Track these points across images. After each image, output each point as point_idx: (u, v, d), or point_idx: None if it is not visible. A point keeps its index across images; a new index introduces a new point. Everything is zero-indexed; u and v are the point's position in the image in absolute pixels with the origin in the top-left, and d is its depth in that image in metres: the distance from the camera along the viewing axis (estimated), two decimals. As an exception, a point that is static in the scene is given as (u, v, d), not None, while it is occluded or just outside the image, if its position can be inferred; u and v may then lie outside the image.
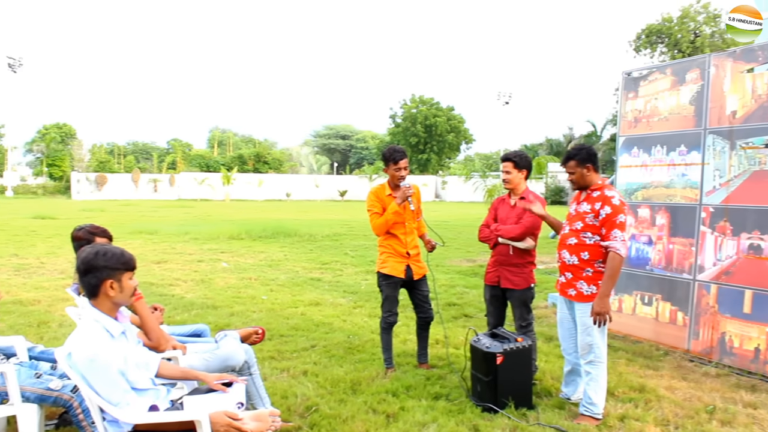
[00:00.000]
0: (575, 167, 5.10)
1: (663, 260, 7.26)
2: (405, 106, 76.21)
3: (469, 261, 15.14)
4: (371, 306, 9.38)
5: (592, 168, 5.07)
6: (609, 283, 4.81)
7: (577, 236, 5.04)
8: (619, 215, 4.84)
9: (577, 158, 5.09)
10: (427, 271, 6.37)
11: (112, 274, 3.51)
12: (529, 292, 5.85)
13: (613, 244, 4.82)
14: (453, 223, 28.57)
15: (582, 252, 5.00)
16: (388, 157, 6.05)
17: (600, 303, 4.81)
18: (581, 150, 5.10)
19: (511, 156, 5.90)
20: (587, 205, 5.04)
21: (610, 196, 4.92)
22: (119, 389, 3.38)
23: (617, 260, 4.81)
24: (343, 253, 16.34)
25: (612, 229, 4.84)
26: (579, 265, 5.02)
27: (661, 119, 7.41)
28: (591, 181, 5.09)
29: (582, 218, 5.04)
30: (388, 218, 6.03)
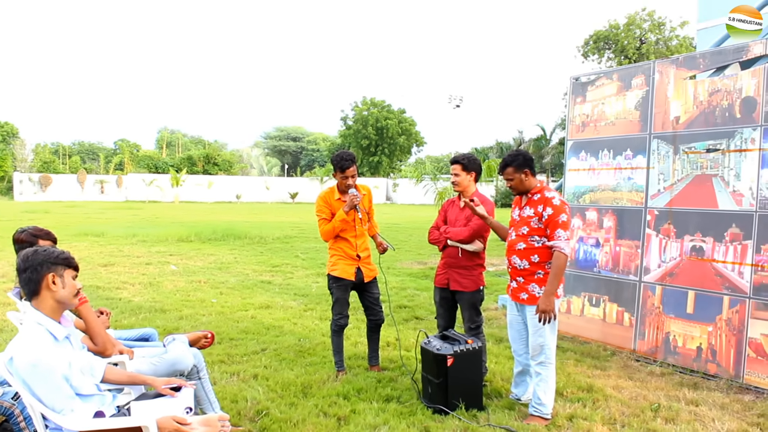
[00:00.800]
0: (513, 173, 5.16)
1: (610, 262, 7.39)
2: (356, 108, 76.18)
3: (420, 263, 15.20)
4: (322, 309, 9.34)
5: (530, 173, 5.13)
6: (554, 281, 4.87)
7: (525, 241, 5.09)
8: (560, 215, 4.92)
9: (514, 164, 5.15)
10: (377, 273, 6.37)
11: (53, 268, 3.44)
12: (478, 294, 5.89)
13: (557, 243, 4.89)
14: (404, 226, 28.65)
15: (532, 255, 5.06)
16: (336, 165, 6.02)
17: (545, 301, 4.87)
18: (517, 156, 5.16)
19: (459, 159, 5.94)
20: (530, 209, 5.10)
21: (551, 197, 5.00)
22: (63, 395, 3.30)
23: (562, 259, 4.88)
24: (293, 255, 16.28)
25: (555, 228, 4.91)
26: (530, 269, 5.08)
27: (607, 124, 7.55)
28: (530, 185, 5.16)
29: (527, 223, 5.10)
30: (335, 225, 6.01)
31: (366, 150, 75.41)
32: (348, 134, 76.12)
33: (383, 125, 74.18)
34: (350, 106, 78.16)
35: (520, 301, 5.20)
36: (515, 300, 5.26)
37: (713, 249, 6.35)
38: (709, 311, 6.37)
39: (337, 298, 6.18)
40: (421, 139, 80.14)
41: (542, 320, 4.90)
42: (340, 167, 5.99)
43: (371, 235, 6.39)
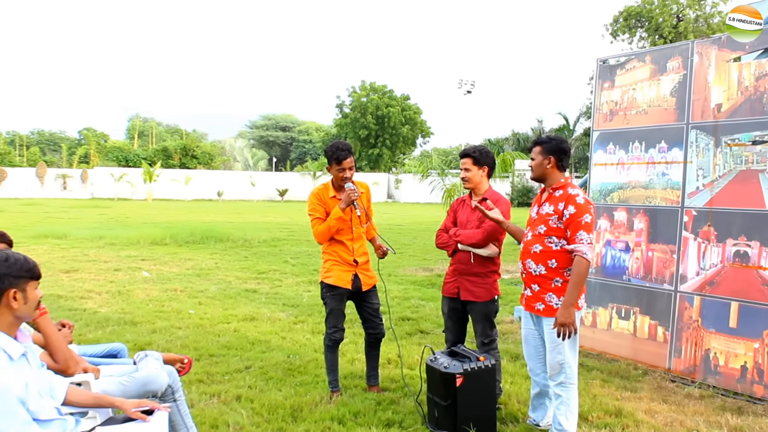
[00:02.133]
0: (538, 154, 5.19)
1: (641, 269, 7.39)
2: (354, 94, 76.23)
3: (426, 270, 15.19)
4: (314, 321, 9.35)
5: (555, 162, 5.13)
6: (574, 291, 4.86)
7: (542, 242, 5.08)
8: (584, 215, 4.91)
9: (543, 145, 5.18)
10: (377, 281, 6.37)
11: (16, 282, 3.42)
12: (492, 305, 5.89)
13: (579, 247, 4.87)
14: (408, 227, 28.64)
15: (549, 260, 5.05)
16: (331, 156, 6.02)
17: (564, 313, 4.85)
18: (551, 140, 5.19)
19: (470, 151, 5.94)
20: (550, 207, 5.10)
21: (574, 195, 4.99)
22: (18, 421, 3.28)
23: (583, 265, 4.87)
24: (282, 260, 16.28)
25: (577, 230, 4.90)
26: (546, 275, 5.07)
27: (639, 112, 7.54)
28: (548, 175, 5.17)
29: (545, 221, 5.09)
30: (331, 225, 6.01)
31: (365, 141, 75.45)
32: (344, 123, 76.14)
33: (384, 113, 74.22)
34: (347, 91, 78.43)
35: (535, 312, 5.19)
36: (530, 311, 5.26)
37: (760, 254, 6.34)
38: (755, 325, 6.36)
39: (332, 309, 6.18)
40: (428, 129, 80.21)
41: (561, 335, 4.89)
42: (336, 158, 6.00)
43: (369, 239, 6.40)
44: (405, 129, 75.62)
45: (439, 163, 18.14)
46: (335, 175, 6.09)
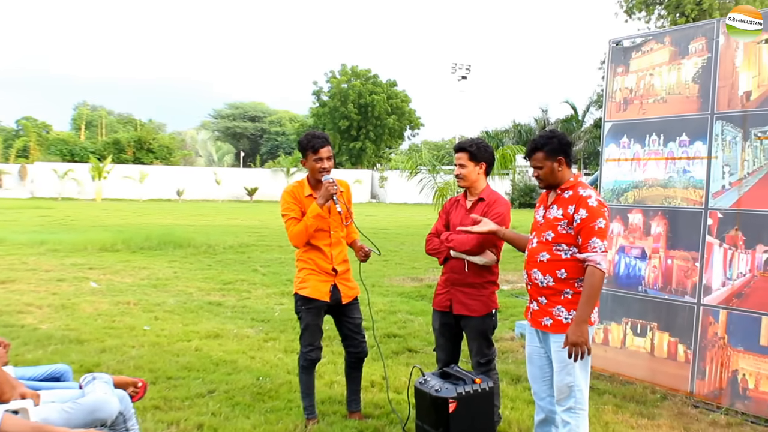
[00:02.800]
0: (544, 160, 5.13)
1: (660, 279, 7.41)
2: (333, 80, 76.22)
3: (415, 280, 15.22)
4: (287, 338, 9.34)
5: (565, 162, 5.12)
6: (587, 305, 4.86)
7: (549, 250, 5.08)
8: (597, 220, 4.91)
9: (546, 149, 5.12)
10: (359, 292, 6.38)
11: None
12: (489, 319, 5.89)
13: (592, 256, 4.87)
14: (394, 231, 28.66)
15: (557, 270, 5.04)
16: (306, 145, 6.03)
17: (576, 330, 4.84)
18: (551, 138, 5.14)
19: (466, 145, 5.93)
20: (558, 210, 5.09)
21: (585, 197, 4.98)
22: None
23: (597, 276, 4.87)
24: (251, 269, 16.27)
25: (589, 237, 4.90)
26: (555, 287, 5.06)
27: (657, 101, 7.57)
28: (562, 177, 5.14)
29: (553, 226, 5.08)
30: (308, 224, 6.00)
31: (345, 133, 75.47)
32: (322, 113, 76.15)
33: (368, 102, 74.26)
34: (325, 76, 78.38)
35: (542, 329, 5.18)
36: (536, 327, 5.25)
37: (793, 262, 6.38)
38: (787, 343, 6.39)
39: (307, 324, 6.17)
40: (417, 119, 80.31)
41: (572, 355, 4.89)
42: (312, 146, 6.00)
43: (349, 243, 6.40)
44: (391, 119, 75.67)
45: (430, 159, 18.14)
46: (311, 168, 6.08)
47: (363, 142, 75.61)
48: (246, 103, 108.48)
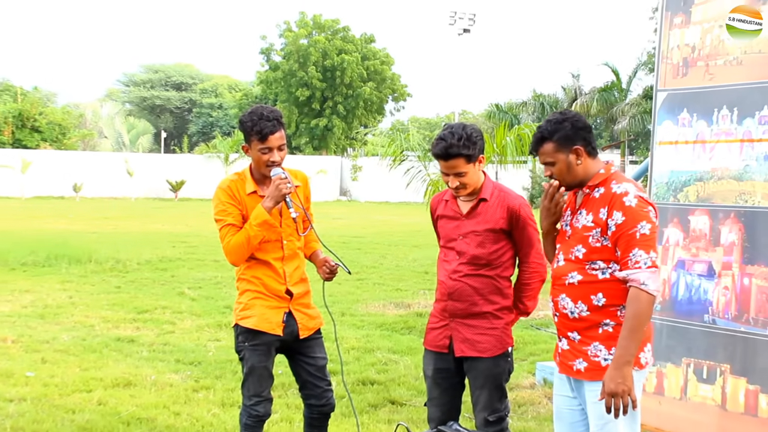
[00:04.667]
0: (554, 153, 5.06)
1: (733, 305, 7.38)
2: (288, 35, 76.08)
3: (400, 306, 15.26)
4: (225, 387, 9.33)
5: (584, 151, 5.04)
6: (630, 341, 4.81)
7: (581, 269, 5.03)
8: (639, 224, 4.85)
9: (556, 137, 5.03)
10: (323, 323, 6.37)
11: None
12: (503, 362, 5.87)
13: (635, 274, 4.82)
14: (371, 240, 28.71)
15: (593, 294, 5.01)
16: (250, 129, 5.94)
17: (615, 376, 4.80)
18: (562, 122, 5.02)
19: (458, 148, 5.72)
20: (588, 215, 5.02)
21: (621, 194, 4.91)
22: None
23: (643, 301, 4.81)
24: (176, 292, 16.28)
25: (630, 248, 4.84)
26: (590, 318, 5.04)
27: (729, 62, 7.55)
28: (586, 172, 5.07)
29: (583, 239, 5.02)
30: (252, 234, 5.94)
31: (305, 107, 75.51)
32: (273, 79, 76.10)
33: (336, 64, 74.30)
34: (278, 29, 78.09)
35: (574, 375, 5.16)
36: (566, 373, 5.22)
37: None
38: None
39: (252, 367, 6.14)
40: (402, 88, 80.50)
41: (611, 409, 4.87)
42: (258, 131, 5.92)
43: (309, 256, 6.36)
44: (367, 88, 75.74)
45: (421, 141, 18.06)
46: (256, 159, 6.04)
47: (329, 119, 75.67)
48: (169, 66, 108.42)
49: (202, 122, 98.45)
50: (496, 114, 57.76)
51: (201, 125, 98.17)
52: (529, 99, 60.63)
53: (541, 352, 10.97)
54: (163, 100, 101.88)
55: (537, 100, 59.65)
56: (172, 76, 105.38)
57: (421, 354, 6.31)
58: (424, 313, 14.01)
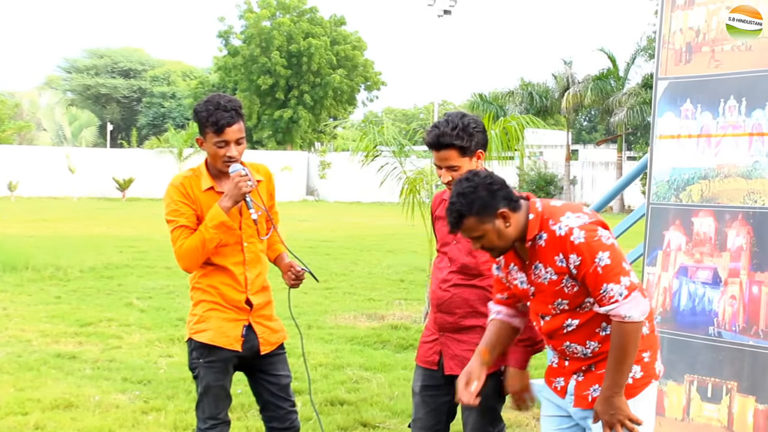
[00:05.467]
0: (479, 226, 4.94)
1: (741, 316, 7.41)
2: (249, 16, 75.94)
3: (373, 317, 15.29)
4: (178, 408, 9.32)
5: (509, 210, 4.93)
6: (618, 372, 4.84)
7: (574, 314, 5.02)
8: (596, 257, 4.81)
9: (475, 212, 4.90)
10: (287, 337, 6.37)
11: None
12: (497, 381, 5.87)
13: (615, 309, 4.82)
14: (341, 244, 28.70)
15: (597, 327, 5.05)
16: (205, 120, 5.91)
17: (607, 408, 4.87)
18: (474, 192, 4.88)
19: (451, 138, 5.70)
20: (546, 269, 4.99)
21: (565, 235, 4.87)
22: None
23: (629, 331, 4.82)
24: (123, 303, 16.26)
25: (599, 285, 4.83)
26: (604, 348, 5.04)
27: (737, 47, 7.58)
28: (518, 229, 5.00)
29: (558, 293, 5.01)
30: (207, 237, 5.91)
31: (268, 96, 75.42)
32: (233, 65, 76.00)
33: (302, 48, 74.23)
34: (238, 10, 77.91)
35: (587, 406, 5.15)
36: (581, 405, 5.19)
37: None
38: None
39: (208, 386, 6.12)
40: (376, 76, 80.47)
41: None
42: (214, 123, 5.90)
43: (273, 260, 6.37)
44: (337, 76, 75.72)
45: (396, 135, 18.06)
46: (212, 153, 6.02)
47: (295, 110, 75.61)
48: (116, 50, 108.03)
49: (153, 113, 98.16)
50: (479, 105, 57.84)
51: (151, 116, 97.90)
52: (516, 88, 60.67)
53: (532, 368, 10.99)
54: (109, 89, 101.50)
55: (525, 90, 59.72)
56: (120, 61, 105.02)
57: (395, 371, 6.36)
58: (399, 325, 14.06)
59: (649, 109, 40.34)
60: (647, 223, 8.01)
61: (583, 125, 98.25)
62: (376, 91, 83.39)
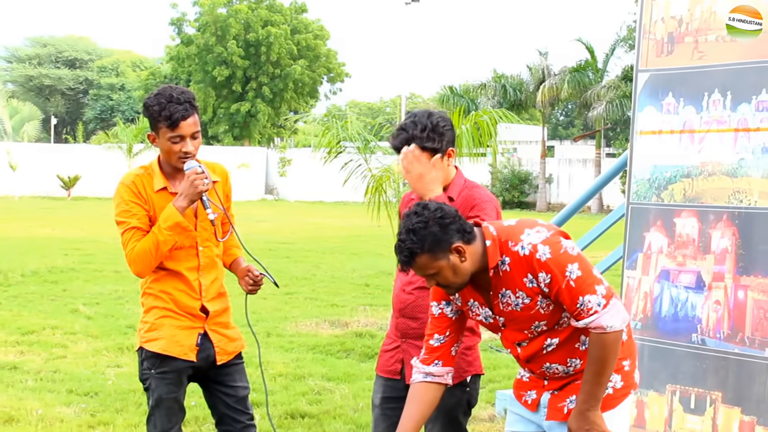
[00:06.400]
0: (432, 263, 4.86)
1: (725, 322, 7.44)
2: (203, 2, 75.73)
3: (336, 324, 15.30)
4: (128, 422, 9.29)
5: (463, 244, 4.86)
6: (596, 385, 4.84)
7: (553, 333, 5.02)
8: (566, 270, 4.80)
9: (427, 249, 4.82)
10: (245, 346, 6.35)
11: None
12: (459, 393, 5.84)
13: (596, 321, 4.79)
14: (303, 247, 28.69)
15: (576, 342, 5.06)
16: (157, 114, 5.86)
17: (583, 418, 4.86)
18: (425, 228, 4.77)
19: (422, 141, 5.66)
20: (515, 295, 4.96)
21: (531, 254, 4.83)
22: None
23: (610, 342, 4.82)
24: (68, 309, 16.19)
25: (574, 299, 4.81)
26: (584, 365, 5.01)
27: (722, 38, 7.61)
28: (474, 263, 4.95)
29: (535, 315, 4.99)
30: (161, 240, 5.87)
31: (224, 89, 75.33)
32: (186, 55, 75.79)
33: (260, 38, 74.12)
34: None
35: (562, 418, 5.13)
36: (554, 418, 5.18)
37: None
38: None
39: (160, 398, 6.09)
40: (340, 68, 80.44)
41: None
42: (167, 117, 5.85)
43: (228, 265, 6.36)
44: (298, 67, 75.65)
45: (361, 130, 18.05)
46: (165, 150, 5.98)
47: (253, 103, 75.51)
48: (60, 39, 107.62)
49: (101, 106, 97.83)
50: (449, 98, 57.94)
51: (99, 110, 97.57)
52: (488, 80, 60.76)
53: (501, 378, 11.01)
54: (53, 80, 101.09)
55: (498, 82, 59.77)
56: (64, 51, 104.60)
57: (360, 381, 6.35)
58: (364, 332, 14.07)
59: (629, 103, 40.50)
60: (627, 224, 8.02)
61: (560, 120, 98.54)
62: (340, 84, 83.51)
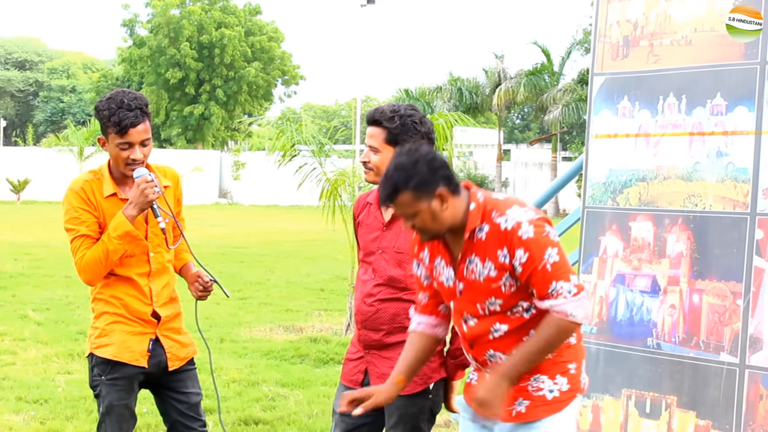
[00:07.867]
0: (414, 203, 4.86)
1: (681, 326, 7.48)
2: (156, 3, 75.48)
3: (290, 330, 15.29)
4: (78, 429, 9.28)
5: (448, 191, 4.88)
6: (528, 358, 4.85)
7: (504, 318, 4.97)
8: (545, 253, 4.79)
9: (412, 186, 4.82)
10: (197, 352, 6.35)
11: None
12: (421, 400, 5.84)
13: (561, 306, 4.79)
14: (256, 251, 28.62)
15: (525, 336, 4.98)
16: (107, 119, 5.84)
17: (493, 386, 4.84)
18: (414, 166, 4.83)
19: (383, 118, 5.69)
20: (484, 264, 4.94)
21: (514, 228, 4.83)
22: None
23: (565, 330, 4.83)
24: (18, 314, 16.15)
25: (547, 283, 4.80)
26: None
27: (677, 41, 7.66)
28: (454, 216, 4.94)
29: (493, 291, 4.95)
30: (110, 249, 5.85)
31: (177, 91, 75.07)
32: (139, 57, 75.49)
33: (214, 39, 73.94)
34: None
35: (513, 419, 5.10)
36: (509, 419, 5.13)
37: None
38: None
39: (111, 406, 6.07)
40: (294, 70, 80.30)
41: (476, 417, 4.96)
42: (117, 122, 5.83)
43: (178, 270, 6.36)
44: (252, 69, 75.52)
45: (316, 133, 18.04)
46: (114, 155, 5.97)
47: (206, 106, 75.31)
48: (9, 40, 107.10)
49: (51, 108, 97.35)
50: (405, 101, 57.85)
51: (49, 112, 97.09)
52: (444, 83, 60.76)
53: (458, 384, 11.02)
54: (2, 82, 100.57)
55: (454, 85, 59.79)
56: (14, 52, 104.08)
57: (314, 387, 6.35)
58: (319, 338, 14.06)
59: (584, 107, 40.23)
60: (582, 227, 8.05)
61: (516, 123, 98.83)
62: (295, 86, 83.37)
